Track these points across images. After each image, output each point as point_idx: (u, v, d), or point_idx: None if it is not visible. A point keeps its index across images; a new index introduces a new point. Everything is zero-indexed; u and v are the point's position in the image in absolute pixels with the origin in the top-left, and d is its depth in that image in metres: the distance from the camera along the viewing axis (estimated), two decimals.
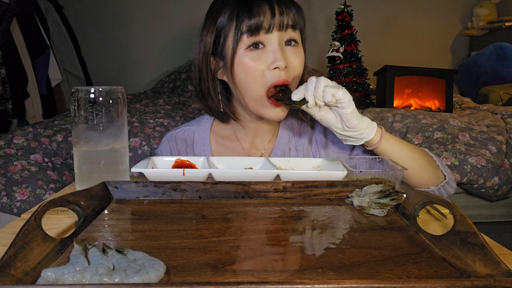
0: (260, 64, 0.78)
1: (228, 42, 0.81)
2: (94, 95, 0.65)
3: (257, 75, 0.78)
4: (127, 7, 3.58)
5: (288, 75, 0.79)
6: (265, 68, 0.78)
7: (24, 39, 2.56)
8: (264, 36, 0.78)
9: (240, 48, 0.79)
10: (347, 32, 2.42)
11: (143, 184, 0.61)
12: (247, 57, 0.79)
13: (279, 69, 0.78)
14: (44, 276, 0.36)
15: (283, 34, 0.79)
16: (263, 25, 0.77)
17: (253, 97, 0.81)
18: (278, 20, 0.78)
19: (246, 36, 0.78)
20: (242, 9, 0.78)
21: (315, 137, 0.93)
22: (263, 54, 0.78)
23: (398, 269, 0.40)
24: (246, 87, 0.81)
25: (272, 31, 0.78)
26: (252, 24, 0.77)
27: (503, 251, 0.46)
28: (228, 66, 0.81)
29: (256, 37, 0.78)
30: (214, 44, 0.83)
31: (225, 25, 0.81)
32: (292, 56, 0.80)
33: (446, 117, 1.91)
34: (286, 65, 0.78)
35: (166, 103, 2.55)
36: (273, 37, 0.78)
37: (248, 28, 0.77)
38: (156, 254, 0.41)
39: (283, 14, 0.78)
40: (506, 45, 3.01)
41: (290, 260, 0.42)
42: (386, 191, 0.58)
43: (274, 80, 0.78)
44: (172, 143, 0.96)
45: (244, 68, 0.79)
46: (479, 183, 1.60)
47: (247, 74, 0.79)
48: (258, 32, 0.78)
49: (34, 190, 1.49)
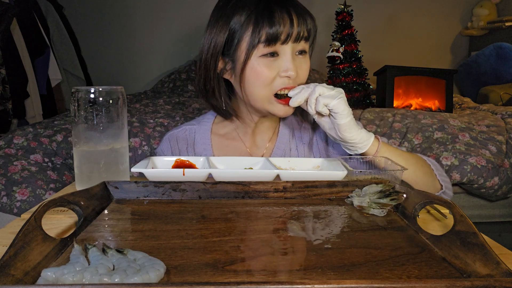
0: (272, 71, 0.79)
1: (242, 47, 0.80)
2: (94, 95, 0.65)
3: (267, 81, 0.80)
4: (127, 7, 3.58)
5: (295, 83, 0.81)
6: (276, 75, 0.79)
7: (24, 39, 2.56)
8: (280, 47, 0.79)
9: (255, 55, 0.79)
10: (347, 32, 2.42)
11: (143, 184, 0.61)
12: (260, 63, 0.79)
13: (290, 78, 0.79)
14: (44, 276, 0.36)
15: (297, 45, 0.80)
16: (281, 37, 0.78)
17: (259, 99, 0.82)
18: (296, 32, 0.78)
19: (263, 45, 0.78)
20: (262, 14, 0.78)
21: (316, 137, 0.94)
22: (276, 62, 0.79)
23: (398, 269, 0.40)
24: (254, 91, 0.82)
25: (288, 42, 0.79)
26: (271, 34, 0.77)
27: (503, 251, 0.46)
28: (238, 70, 0.81)
29: (272, 47, 0.78)
30: (225, 44, 0.82)
31: (241, 28, 0.79)
32: (301, 65, 0.82)
33: (446, 117, 1.91)
34: (297, 74, 0.80)
35: (166, 103, 2.55)
36: (287, 47, 0.79)
37: (266, 38, 0.77)
38: (156, 254, 0.41)
39: (300, 25, 0.79)
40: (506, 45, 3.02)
41: (290, 260, 0.42)
42: (386, 191, 0.58)
43: (282, 86, 0.80)
44: (173, 142, 0.96)
45: (255, 74, 0.80)
46: (479, 183, 1.60)
47: (257, 79, 0.80)
48: (275, 43, 0.78)
49: (34, 190, 1.49)
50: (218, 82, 0.87)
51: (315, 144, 0.93)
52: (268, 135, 0.95)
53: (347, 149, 0.80)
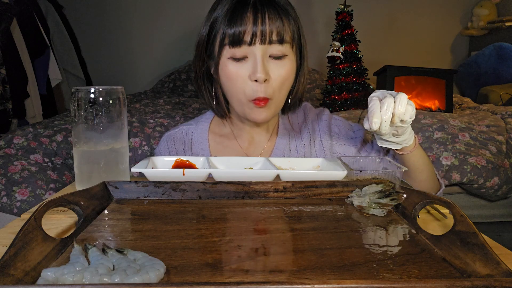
0: (242, 72, 0.77)
1: (216, 46, 0.80)
2: (94, 95, 0.65)
3: (239, 83, 0.78)
4: (127, 7, 3.58)
5: (268, 89, 0.77)
6: (247, 78, 0.77)
7: (24, 39, 2.56)
8: (247, 48, 0.76)
9: (224, 55, 0.78)
10: (347, 32, 2.42)
11: (143, 184, 0.61)
12: (230, 64, 0.78)
13: (258, 81, 0.76)
14: (44, 276, 0.36)
15: (268, 47, 0.76)
16: (244, 38, 0.75)
17: (238, 101, 0.81)
18: (260, 31, 0.75)
19: (229, 46, 0.77)
20: (227, 12, 0.76)
21: (320, 138, 0.93)
22: (244, 64, 0.77)
23: (398, 269, 0.40)
24: (232, 92, 0.81)
25: (254, 43, 0.75)
26: (232, 34, 0.75)
27: (503, 251, 0.46)
28: (215, 69, 0.82)
29: (238, 48, 0.76)
30: (207, 41, 0.82)
31: (216, 25, 0.79)
32: (275, 68, 0.78)
33: (446, 117, 1.91)
34: (266, 78, 0.76)
35: (166, 103, 2.55)
36: (255, 49, 0.76)
37: (230, 39, 0.76)
38: (156, 254, 0.41)
39: (266, 25, 0.74)
40: (506, 45, 3.01)
41: (290, 260, 0.42)
42: (386, 191, 0.58)
43: (254, 95, 0.77)
44: (171, 143, 0.96)
45: (226, 75, 0.79)
46: (479, 183, 1.60)
47: (229, 80, 0.79)
48: (240, 44, 0.76)
49: (34, 190, 1.49)
50: (203, 80, 0.87)
51: (319, 145, 0.93)
52: (266, 136, 0.94)
53: (389, 146, 0.74)
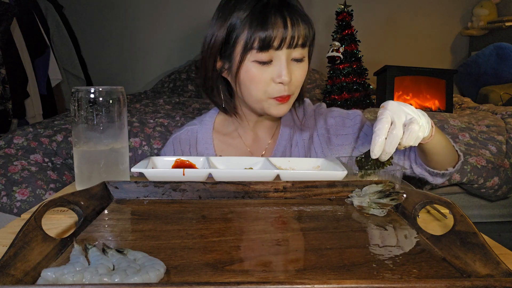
0: (266, 75, 0.79)
1: (238, 48, 0.80)
2: (94, 95, 0.65)
3: (261, 85, 0.80)
4: (128, 7, 3.58)
5: (290, 89, 0.81)
6: (270, 80, 0.79)
7: (24, 39, 2.56)
8: (274, 53, 0.78)
9: (248, 59, 0.79)
10: (347, 32, 2.42)
11: (143, 184, 0.61)
12: (254, 67, 0.79)
13: (283, 83, 0.79)
14: (44, 276, 0.36)
15: (292, 51, 0.79)
16: (274, 43, 0.77)
17: (256, 100, 0.83)
18: (290, 37, 0.77)
19: (256, 50, 0.78)
20: (256, 17, 0.77)
21: (318, 132, 0.94)
22: (270, 67, 0.79)
23: (398, 269, 0.40)
24: (251, 93, 0.82)
25: (281, 48, 0.78)
26: (264, 39, 0.76)
27: (503, 251, 0.46)
28: (234, 71, 0.82)
29: (265, 53, 0.78)
30: (223, 44, 0.82)
31: (237, 29, 0.79)
32: (296, 70, 0.81)
33: (446, 117, 1.91)
34: (290, 80, 0.79)
35: (166, 103, 2.55)
36: (281, 53, 0.78)
37: (259, 43, 0.77)
38: (156, 254, 0.41)
39: (294, 30, 0.77)
40: (506, 45, 3.01)
41: (290, 260, 0.42)
42: (386, 191, 0.58)
43: (278, 94, 0.80)
44: (176, 144, 0.97)
45: (249, 77, 0.80)
46: (479, 183, 1.60)
47: (251, 82, 0.80)
48: (268, 48, 0.77)
49: (34, 190, 1.48)
50: (216, 80, 0.88)
51: (316, 139, 0.94)
52: (269, 133, 0.96)
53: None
